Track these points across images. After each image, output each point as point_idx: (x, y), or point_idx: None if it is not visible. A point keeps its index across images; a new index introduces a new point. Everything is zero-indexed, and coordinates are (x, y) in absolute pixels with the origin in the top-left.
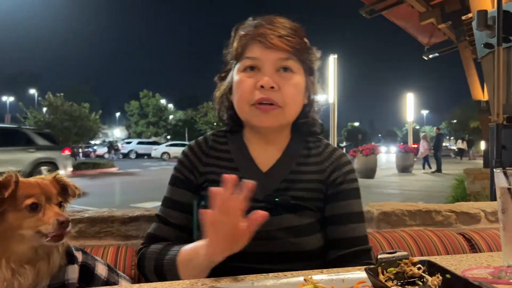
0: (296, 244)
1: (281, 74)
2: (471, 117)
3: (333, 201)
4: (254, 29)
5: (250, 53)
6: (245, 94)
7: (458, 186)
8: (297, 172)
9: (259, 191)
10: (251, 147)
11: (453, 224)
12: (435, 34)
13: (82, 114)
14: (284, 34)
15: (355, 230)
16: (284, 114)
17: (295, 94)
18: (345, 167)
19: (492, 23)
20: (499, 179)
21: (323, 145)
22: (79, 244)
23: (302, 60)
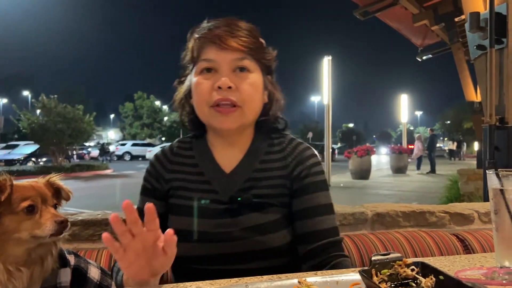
0: (262, 242)
1: (237, 74)
2: (465, 118)
3: (299, 196)
4: (208, 32)
5: (206, 55)
6: (204, 96)
7: (452, 187)
8: (261, 170)
9: (224, 193)
10: (214, 150)
11: (446, 225)
12: (428, 35)
13: (76, 116)
14: (239, 35)
15: (324, 223)
16: (244, 113)
17: (253, 92)
18: (308, 160)
19: (484, 25)
20: (492, 180)
21: (286, 141)
22: (72, 247)
23: (258, 59)
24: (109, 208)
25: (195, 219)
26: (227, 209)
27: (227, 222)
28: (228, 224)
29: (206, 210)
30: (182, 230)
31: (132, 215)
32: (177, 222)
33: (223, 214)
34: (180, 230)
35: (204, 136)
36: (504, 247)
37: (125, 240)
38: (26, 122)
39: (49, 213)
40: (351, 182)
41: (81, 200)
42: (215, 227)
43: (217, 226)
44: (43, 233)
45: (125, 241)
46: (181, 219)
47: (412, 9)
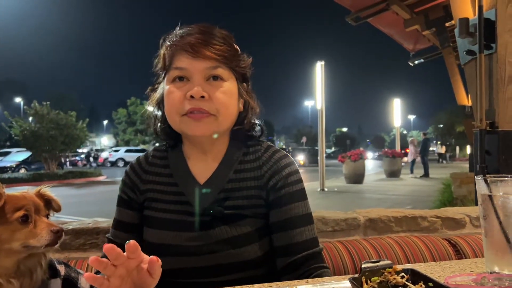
0: (236, 255)
1: (211, 83)
2: (457, 122)
3: (276, 207)
4: (180, 39)
5: (178, 63)
6: (175, 105)
7: (445, 190)
8: (235, 180)
9: (197, 205)
10: (189, 160)
11: (438, 230)
12: (420, 40)
13: (68, 122)
14: (212, 42)
15: (302, 234)
16: (217, 121)
17: (227, 101)
18: (285, 169)
19: (473, 31)
20: (480, 186)
21: (262, 149)
22: (63, 257)
23: (232, 67)
24: (102, 215)
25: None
26: (200, 221)
27: (200, 235)
28: (201, 237)
29: (179, 223)
30: (155, 244)
31: (113, 253)
32: (150, 234)
33: (196, 227)
34: (153, 243)
35: (179, 146)
36: (493, 252)
37: (108, 272)
38: (18, 129)
39: (44, 223)
40: (345, 187)
41: (74, 207)
42: (188, 240)
43: (191, 239)
44: (39, 243)
45: (108, 273)
46: (154, 232)
47: (404, 15)
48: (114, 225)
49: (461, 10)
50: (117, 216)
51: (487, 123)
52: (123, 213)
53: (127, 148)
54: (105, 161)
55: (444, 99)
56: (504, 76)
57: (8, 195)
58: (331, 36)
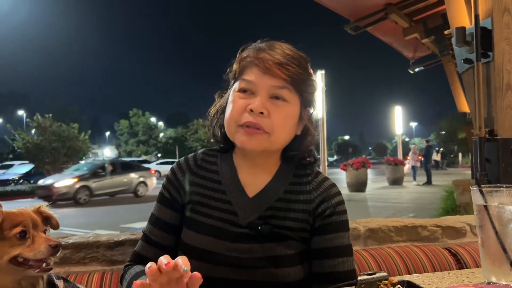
0: (276, 275)
1: (273, 102)
2: (459, 128)
3: (321, 234)
4: (255, 53)
5: (247, 75)
6: (235, 114)
7: (448, 198)
8: (284, 200)
9: (244, 217)
10: (240, 170)
11: (439, 239)
12: (419, 48)
13: (71, 134)
14: (283, 62)
15: (344, 265)
16: (269, 140)
17: (284, 123)
18: (334, 198)
19: (470, 39)
20: (476, 197)
21: (313, 174)
22: (63, 271)
23: (299, 91)
24: (103, 227)
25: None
26: (245, 234)
27: (243, 248)
28: (244, 250)
29: (223, 231)
30: (195, 247)
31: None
32: (192, 238)
33: (240, 239)
34: (194, 246)
35: (230, 152)
36: (490, 262)
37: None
38: (21, 141)
39: (42, 238)
40: (347, 195)
41: (74, 218)
42: (230, 251)
43: (232, 250)
44: (35, 256)
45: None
46: (194, 235)
47: (402, 23)
48: (152, 221)
49: (458, 19)
50: (156, 213)
51: (486, 131)
52: (163, 212)
53: (129, 159)
54: None
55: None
56: (502, 84)
57: (6, 212)
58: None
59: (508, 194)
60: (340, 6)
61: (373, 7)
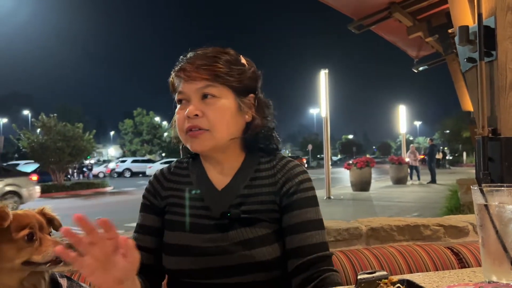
0: (251, 256)
1: (205, 101)
2: (463, 127)
3: (288, 211)
4: (178, 66)
5: (178, 88)
6: (179, 124)
7: (452, 197)
8: (251, 186)
9: (215, 209)
10: (208, 169)
11: (441, 238)
12: (423, 47)
13: (75, 134)
14: (201, 64)
15: (313, 237)
16: (212, 136)
17: (221, 116)
18: (297, 177)
19: (473, 38)
20: (476, 196)
21: (277, 159)
22: (67, 269)
23: (226, 84)
24: None
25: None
26: (218, 224)
27: (217, 237)
28: (218, 239)
29: (198, 225)
30: (176, 245)
31: (86, 226)
32: (171, 237)
33: (214, 229)
34: (174, 244)
35: (198, 158)
36: (490, 261)
37: (81, 247)
38: (26, 141)
39: (49, 240)
40: (351, 194)
41: None
42: (206, 242)
43: (208, 240)
44: (44, 259)
45: (81, 248)
46: (174, 234)
47: (406, 22)
48: (136, 230)
49: (461, 18)
50: (140, 221)
51: (489, 130)
52: (146, 218)
53: (133, 158)
54: (112, 171)
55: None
56: (505, 83)
57: (12, 214)
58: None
59: (508, 194)
60: (343, 5)
61: (376, 6)
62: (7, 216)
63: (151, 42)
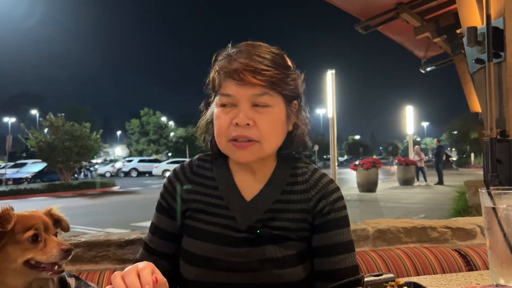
0: (278, 276)
1: (257, 110)
2: (472, 128)
3: (321, 232)
4: (228, 65)
5: (225, 89)
6: (222, 130)
7: (460, 199)
8: (282, 201)
9: (242, 221)
10: (236, 175)
11: (449, 240)
12: (431, 47)
13: (83, 133)
14: (259, 68)
15: (345, 261)
16: (262, 148)
17: (273, 128)
18: (332, 195)
19: (482, 39)
20: (484, 199)
21: (309, 172)
22: (75, 269)
23: (280, 92)
24: (115, 225)
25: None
26: (244, 238)
27: (243, 252)
28: (244, 254)
29: (222, 237)
30: (197, 255)
31: None
32: (192, 245)
33: (239, 243)
34: (195, 254)
35: (225, 157)
36: (498, 264)
37: None
38: (34, 140)
39: (54, 241)
40: (358, 195)
41: (88, 217)
42: (230, 256)
43: (233, 254)
44: (48, 260)
45: None
46: (194, 242)
47: (414, 22)
48: (151, 229)
49: (469, 19)
50: (155, 221)
51: (497, 132)
52: (161, 220)
53: (140, 158)
54: (118, 171)
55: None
56: None
57: (18, 215)
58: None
59: None
60: (350, 5)
61: (384, 6)
62: (11, 219)
63: (159, 43)
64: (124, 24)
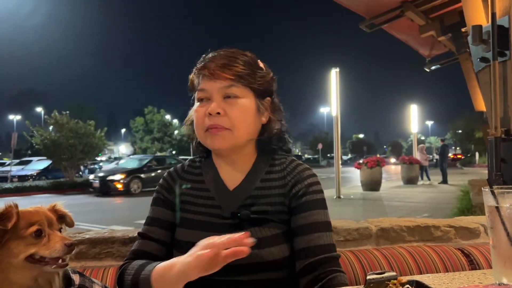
0: (259, 255)
1: (227, 101)
2: (476, 127)
3: (297, 213)
4: (203, 65)
5: (201, 85)
6: (199, 122)
7: (463, 198)
8: (261, 188)
9: (226, 209)
10: (220, 169)
11: (452, 239)
12: (435, 46)
13: (87, 131)
14: (226, 63)
15: (320, 239)
16: (233, 135)
17: (242, 116)
18: (307, 180)
19: (487, 38)
20: (487, 198)
21: (287, 161)
22: (79, 265)
23: (247, 85)
24: (118, 223)
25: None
26: (229, 224)
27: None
28: None
29: (209, 224)
30: (187, 242)
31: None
32: (183, 234)
33: (225, 228)
34: (186, 242)
35: (211, 156)
36: (501, 264)
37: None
38: (39, 138)
39: (58, 236)
40: (361, 194)
41: (91, 214)
42: None
43: None
44: (51, 255)
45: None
46: (185, 231)
47: (418, 21)
48: (148, 222)
49: (474, 17)
50: (152, 214)
51: (502, 131)
52: (159, 211)
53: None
54: None
55: (462, 105)
56: None
57: (22, 211)
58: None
59: None
60: (355, 3)
61: (388, 4)
62: (12, 217)
63: (162, 42)
64: (128, 23)
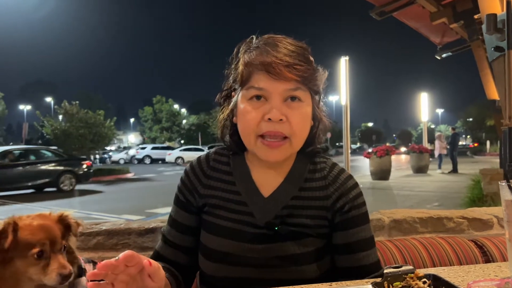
0: (296, 272)
1: (289, 104)
2: (488, 115)
3: (342, 229)
4: (259, 57)
5: (256, 83)
6: (251, 126)
7: (474, 187)
8: (300, 198)
9: (260, 217)
10: (253, 170)
11: (465, 231)
12: (447, 33)
13: (97, 121)
14: (292, 63)
15: (369, 257)
16: (291, 145)
17: (303, 123)
18: (351, 192)
19: (502, 26)
20: (504, 192)
21: (328, 167)
22: (97, 256)
23: (310, 87)
24: (129, 212)
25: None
26: (262, 234)
27: (261, 248)
28: (262, 250)
29: (240, 233)
30: (215, 250)
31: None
32: (210, 240)
33: (257, 239)
34: (213, 249)
35: (242, 151)
36: None
37: (110, 279)
38: (49, 128)
39: (57, 263)
40: (371, 183)
41: (103, 203)
42: (248, 252)
43: (250, 250)
44: (48, 282)
45: (110, 280)
46: (213, 238)
47: (430, 8)
48: (169, 222)
49: (489, 5)
50: (173, 214)
51: None
52: (179, 214)
53: (153, 145)
54: (132, 158)
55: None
56: None
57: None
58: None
59: None
60: None
61: None
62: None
63: (171, 32)
64: (136, 12)
